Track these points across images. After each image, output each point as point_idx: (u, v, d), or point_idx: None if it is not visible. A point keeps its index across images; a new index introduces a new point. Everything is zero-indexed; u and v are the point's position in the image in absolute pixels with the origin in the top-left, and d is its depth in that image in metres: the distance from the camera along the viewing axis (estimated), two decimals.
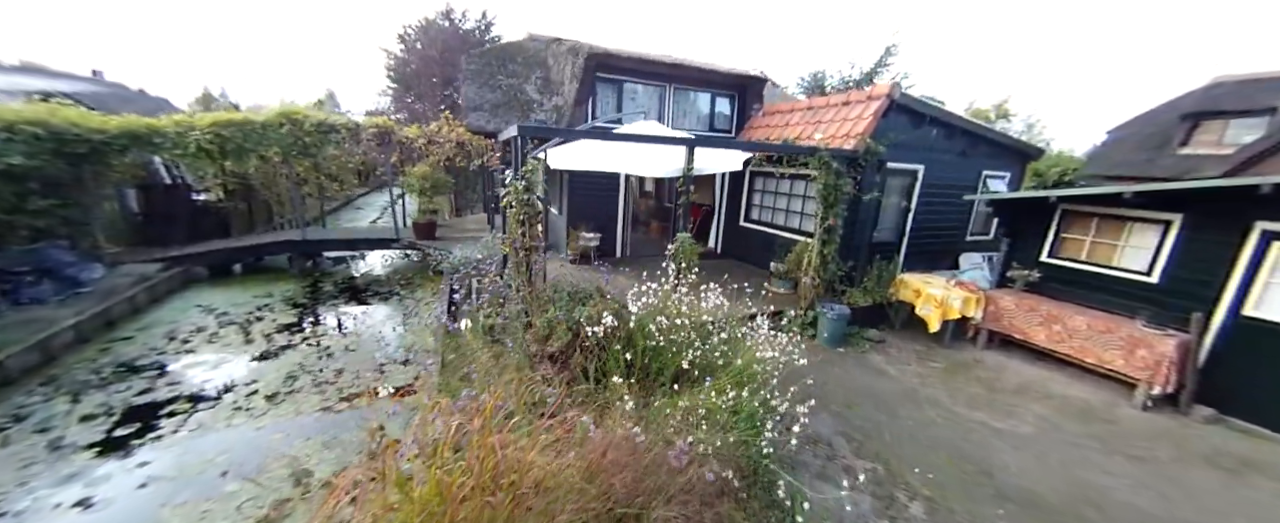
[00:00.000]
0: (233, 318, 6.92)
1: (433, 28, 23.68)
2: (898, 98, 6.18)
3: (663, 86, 8.71)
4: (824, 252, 5.86)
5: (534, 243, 4.27)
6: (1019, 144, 8.17)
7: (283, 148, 8.27)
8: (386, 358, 5.83)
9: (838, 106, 6.88)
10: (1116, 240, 5.20)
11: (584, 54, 7.39)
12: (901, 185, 7.21)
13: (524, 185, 4.12)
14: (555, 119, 7.77)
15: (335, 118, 8.60)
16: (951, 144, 7.36)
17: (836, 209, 5.78)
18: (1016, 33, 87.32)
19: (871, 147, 5.86)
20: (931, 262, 8.06)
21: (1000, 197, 5.84)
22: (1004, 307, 5.66)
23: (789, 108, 8.07)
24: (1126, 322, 4.85)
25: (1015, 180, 8.69)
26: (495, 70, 8.44)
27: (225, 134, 7.74)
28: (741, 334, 3.84)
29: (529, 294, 4.32)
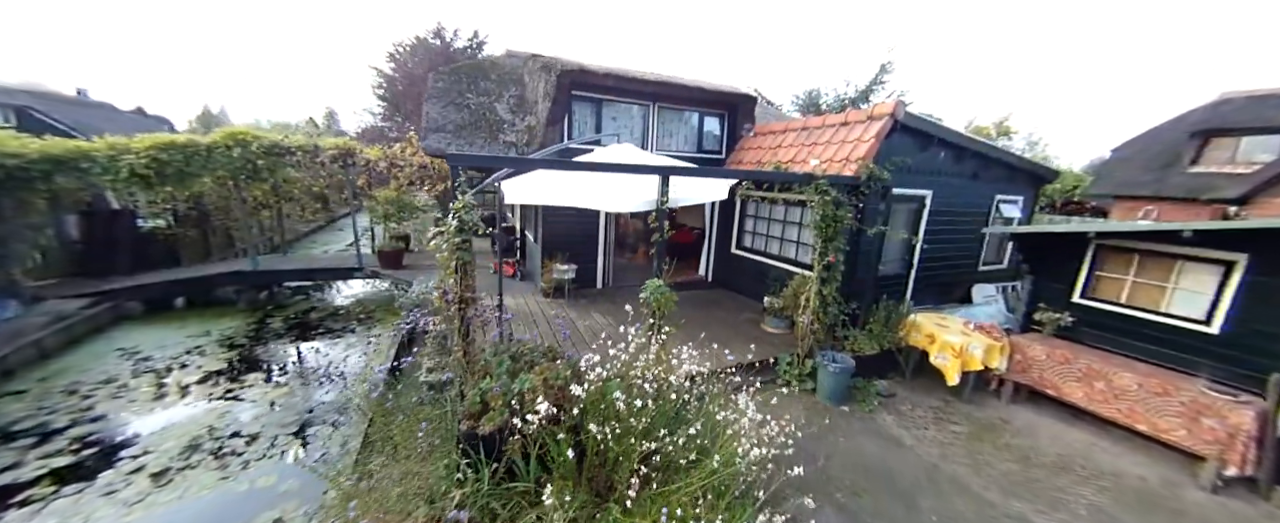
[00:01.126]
0: (153, 364, 6.10)
1: (424, 47, 23.44)
2: (902, 118, 5.52)
3: (646, 106, 8.09)
4: (823, 292, 5.10)
5: (470, 295, 3.51)
6: (1033, 166, 7.51)
7: (231, 172, 7.58)
8: (316, 417, 5.00)
9: (835, 128, 6.23)
10: (1164, 282, 4.46)
11: (557, 70, 6.76)
12: (908, 213, 6.50)
13: (457, 226, 3.38)
14: (526, 141, 7.11)
15: (291, 138, 7.94)
16: (961, 167, 6.69)
17: (837, 243, 5.04)
18: (1014, 48, 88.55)
19: (875, 172, 5.16)
20: (942, 294, 7.31)
21: (1025, 231, 5.11)
22: (1032, 357, 4.87)
23: (782, 128, 7.43)
24: (1185, 381, 4.06)
25: (1029, 204, 8.01)
26: (465, 88, 7.82)
27: (164, 158, 7.05)
28: (722, 417, 3.03)
29: (463, 358, 3.54)
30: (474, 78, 8.19)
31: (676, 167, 4.04)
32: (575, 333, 5.89)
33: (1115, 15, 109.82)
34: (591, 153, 5.11)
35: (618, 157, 4.63)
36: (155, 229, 8.74)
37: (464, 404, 3.33)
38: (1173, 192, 13.90)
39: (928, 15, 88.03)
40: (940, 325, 5.30)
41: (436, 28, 23.50)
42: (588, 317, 6.69)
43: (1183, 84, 78.61)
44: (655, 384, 3.29)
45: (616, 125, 8.00)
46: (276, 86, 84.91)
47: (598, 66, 7.05)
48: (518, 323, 6.27)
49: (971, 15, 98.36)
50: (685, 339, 6.03)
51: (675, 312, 7.30)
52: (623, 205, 3.93)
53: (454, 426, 3.32)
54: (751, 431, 2.84)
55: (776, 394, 5.07)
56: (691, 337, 6.10)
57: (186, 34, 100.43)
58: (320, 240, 15.44)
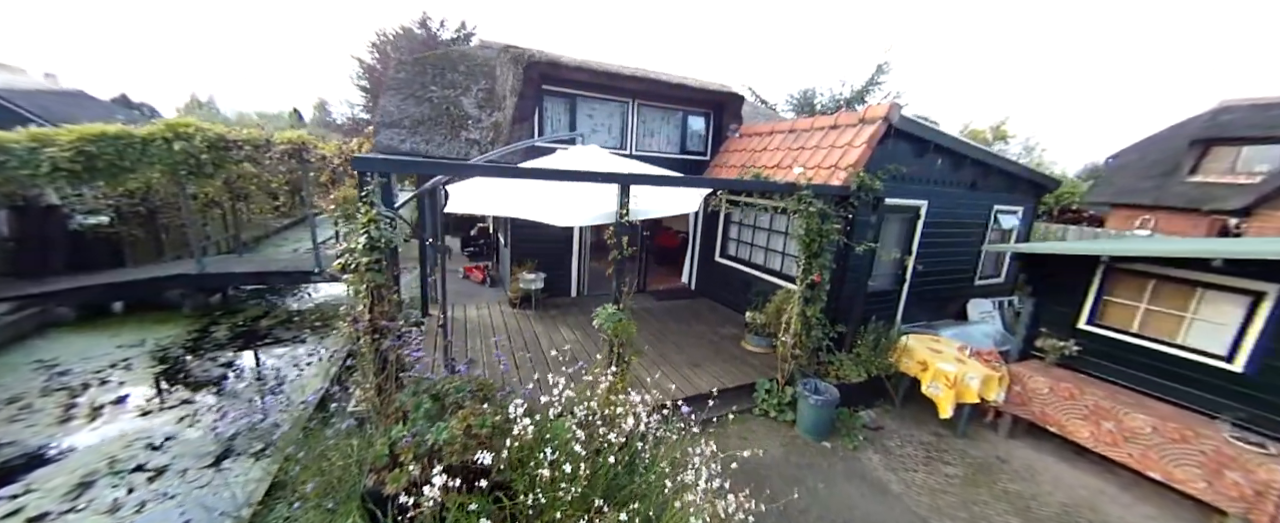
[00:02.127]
0: (70, 380, 5.52)
1: (409, 37, 22.67)
2: (897, 121, 5.03)
3: (626, 103, 7.56)
4: (807, 313, 4.62)
5: (385, 323, 2.98)
6: (1034, 175, 7.07)
7: (169, 167, 6.96)
8: (239, 445, 4.45)
9: (825, 131, 5.73)
10: (1182, 311, 4.01)
11: (524, 62, 6.21)
12: (901, 225, 6.03)
13: (366, 241, 2.85)
14: (491, 139, 6.56)
15: (239, 131, 7.32)
16: (959, 175, 6.22)
17: (822, 260, 4.56)
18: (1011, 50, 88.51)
19: (866, 181, 4.67)
20: (935, 309, 6.87)
21: (1029, 250, 4.64)
22: (1033, 389, 4.42)
23: (769, 130, 6.93)
24: (1206, 426, 3.62)
25: (1029, 215, 7.57)
26: (429, 80, 7.24)
27: (92, 151, 6.42)
28: (671, 484, 2.52)
29: (376, 397, 3.02)
30: (441, 69, 7.60)
31: (638, 175, 3.52)
32: (536, 354, 5.38)
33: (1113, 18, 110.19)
34: (552, 155, 4.58)
35: (579, 161, 4.11)
36: (95, 226, 8.08)
37: (371, 454, 2.82)
38: (1172, 201, 13.58)
39: (926, 15, 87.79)
40: (934, 351, 4.83)
41: (422, 17, 22.73)
42: (555, 331, 6.17)
43: (1181, 89, 79.01)
44: (602, 434, 2.79)
45: (593, 123, 7.47)
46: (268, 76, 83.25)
47: (570, 59, 6.50)
48: (474, 337, 5.75)
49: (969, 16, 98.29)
50: (659, 358, 5.58)
51: (654, 324, 6.85)
52: (574, 218, 3.43)
53: (360, 479, 2.81)
54: (706, 504, 2.34)
55: (753, 424, 4.61)
56: (666, 355, 5.64)
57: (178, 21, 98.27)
58: (294, 237, 14.77)
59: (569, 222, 3.37)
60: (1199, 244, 3.71)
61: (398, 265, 3.22)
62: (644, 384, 4.74)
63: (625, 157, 7.71)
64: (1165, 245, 3.76)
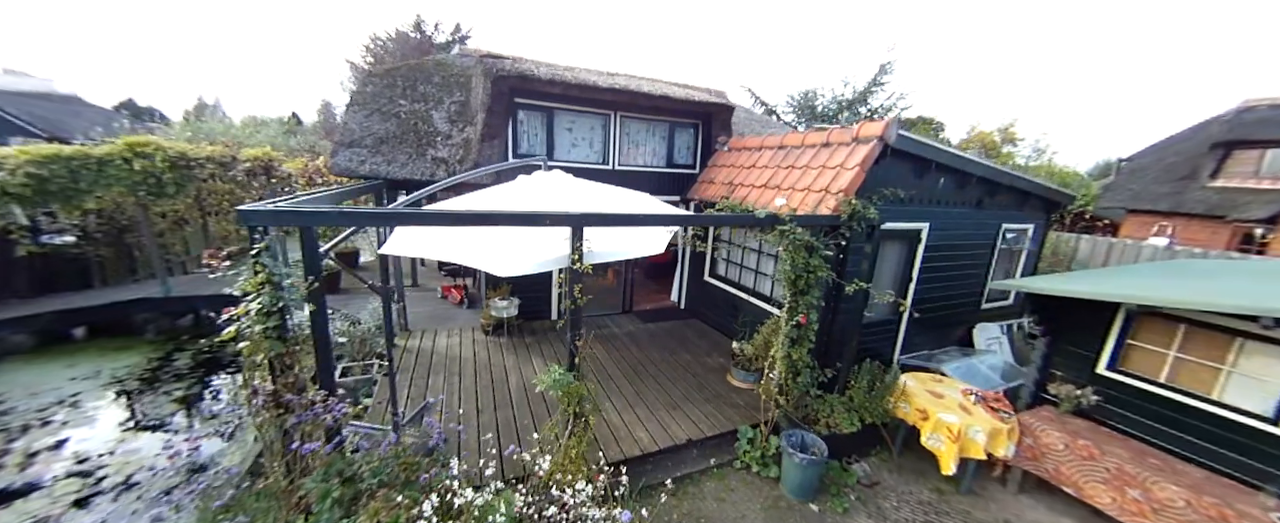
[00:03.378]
0: (10, 421, 5.19)
1: (403, 41, 22.35)
2: (894, 140, 4.56)
3: (607, 115, 7.13)
4: (792, 356, 4.17)
5: (291, 396, 2.57)
6: (1047, 191, 6.55)
7: (128, 187, 6.63)
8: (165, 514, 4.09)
9: (816, 149, 5.26)
10: (1218, 362, 3.52)
11: (493, 75, 5.79)
12: (900, 250, 5.56)
13: (259, 308, 2.45)
14: (460, 157, 6.15)
15: (200, 149, 6.98)
16: (964, 194, 5.73)
17: (810, 297, 4.11)
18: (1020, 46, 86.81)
19: (857, 209, 4.21)
20: (939, 337, 6.39)
21: (1038, 289, 4.15)
22: (1047, 445, 3.95)
23: (758, 144, 6.47)
24: (1246, 499, 3.14)
25: (1041, 232, 7.05)
26: (398, 94, 6.84)
27: (44, 174, 6.10)
28: None
29: (282, 486, 2.61)
30: (413, 81, 7.20)
31: (594, 215, 3.10)
32: (503, 393, 4.98)
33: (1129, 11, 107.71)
34: (512, 182, 4.15)
35: (538, 191, 3.69)
36: (63, 247, 7.79)
37: None
38: (1192, 207, 12.94)
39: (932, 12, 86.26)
40: (935, 396, 4.37)
41: (416, 20, 22.40)
42: (527, 363, 5.77)
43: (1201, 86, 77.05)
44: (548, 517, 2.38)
45: (573, 137, 7.05)
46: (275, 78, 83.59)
47: (544, 71, 6.07)
48: (438, 373, 5.36)
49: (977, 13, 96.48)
50: (634, 398, 5.13)
51: (635, 353, 6.42)
52: (519, 265, 3.01)
53: None
54: None
55: (733, 480, 4.18)
56: (643, 393, 5.18)
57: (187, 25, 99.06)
58: None
59: (512, 271, 2.96)
60: (1246, 297, 3.21)
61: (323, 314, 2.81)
62: (612, 436, 4.33)
63: (607, 171, 7.32)
64: (1203, 297, 3.26)
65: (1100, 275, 4.72)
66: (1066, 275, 4.94)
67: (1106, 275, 4.69)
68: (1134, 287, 3.96)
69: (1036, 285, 4.14)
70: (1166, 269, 4.94)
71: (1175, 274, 4.66)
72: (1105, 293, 3.65)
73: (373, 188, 5.37)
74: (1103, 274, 4.84)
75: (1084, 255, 11.16)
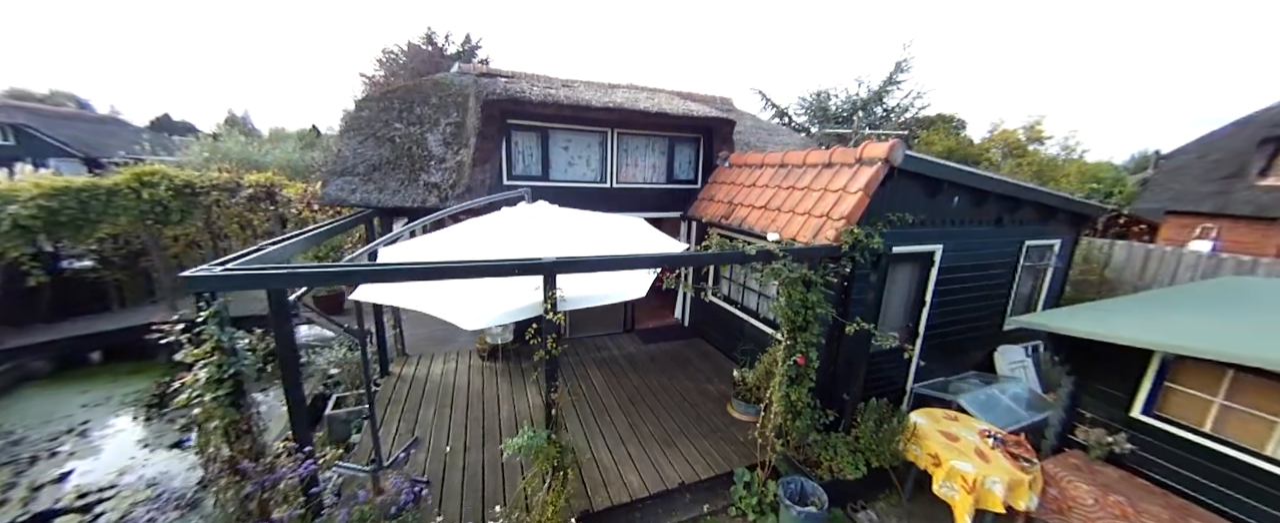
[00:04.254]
0: (20, 451, 5.32)
1: (415, 53, 22.65)
2: (900, 162, 4.24)
3: (604, 133, 6.95)
4: (791, 395, 3.92)
5: (247, 463, 2.46)
6: (1075, 205, 6.09)
7: (136, 216, 6.77)
8: None
9: (818, 169, 4.98)
10: (1272, 413, 3.13)
11: (483, 98, 5.68)
12: (911, 271, 5.22)
13: (208, 376, 2.34)
14: (452, 182, 6.06)
15: (205, 176, 7.09)
16: (982, 211, 5.35)
17: (809, 334, 3.85)
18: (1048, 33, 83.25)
19: (860, 239, 3.93)
20: (956, 362, 6.00)
21: (1062, 330, 3.77)
22: (1074, 498, 3.59)
23: (759, 161, 6.19)
24: None
25: (1068, 248, 6.58)
26: (394, 117, 6.80)
27: (55, 206, 6.26)
28: None
29: None
30: (409, 103, 7.16)
31: (566, 261, 2.92)
32: (492, 426, 4.84)
33: None
34: (491, 216, 4.00)
35: (512, 229, 3.53)
36: (82, 272, 8.03)
37: None
38: (1238, 208, 12.03)
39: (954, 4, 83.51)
40: (949, 439, 4.04)
41: (427, 32, 22.68)
42: (521, 393, 5.63)
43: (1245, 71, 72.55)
44: None
45: (569, 155, 6.90)
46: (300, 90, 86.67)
47: (536, 92, 5.93)
48: (429, 405, 5.27)
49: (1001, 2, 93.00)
50: (628, 431, 4.90)
51: (634, 379, 6.22)
52: (484, 316, 2.86)
53: None
54: None
55: None
56: (638, 426, 4.95)
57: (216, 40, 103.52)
58: None
59: (476, 324, 2.80)
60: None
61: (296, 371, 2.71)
62: (601, 478, 4.14)
63: (605, 189, 7.15)
64: (1256, 350, 2.87)
65: (1130, 307, 4.28)
66: (1093, 308, 4.49)
67: (1138, 307, 4.26)
68: (1171, 327, 3.56)
69: (1056, 324, 3.77)
70: (1213, 296, 4.48)
71: (1224, 302, 4.22)
72: (1134, 339, 3.28)
73: (362, 219, 5.32)
74: (1134, 305, 4.40)
75: (1119, 263, 10.46)
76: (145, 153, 18.88)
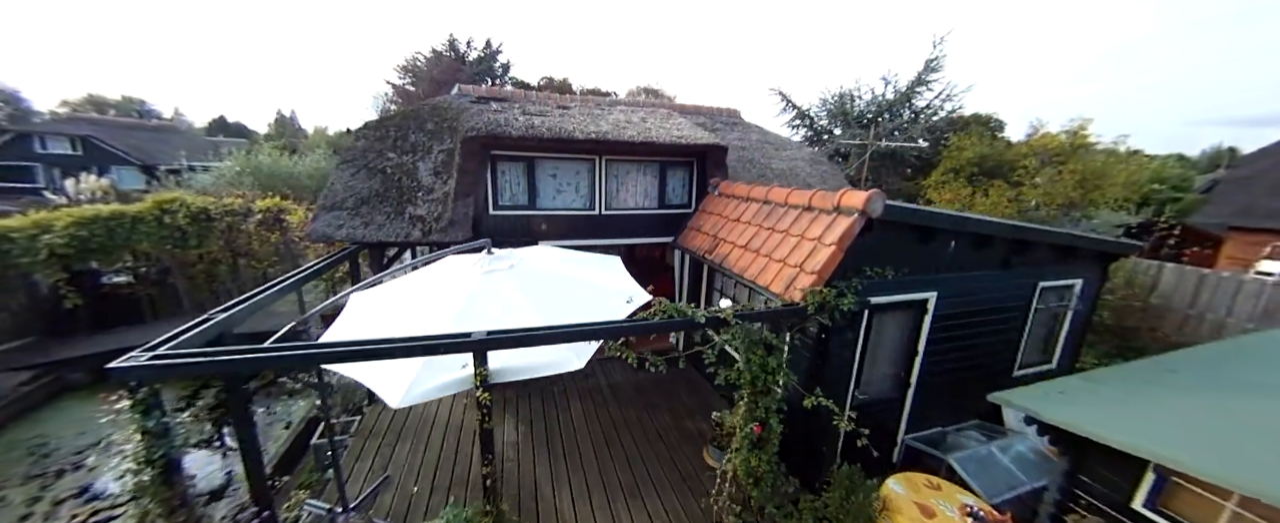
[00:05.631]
0: (50, 464, 5.82)
1: (437, 59, 23.19)
2: (878, 213, 3.93)
3: (591, 160, 6.85)
4: (752, 461, 3.74)
5: None
6: (1101, 243, 5.52)
7: (156, 242, 7.24)
8: None
9: (798, 212, 4.70)
10: None
11: (463, 132, 5.69)
12: (901, 320, 4.87)
13: (138, 459, 2.43)
14: (437, 215, 6.13)
15: (219, 202, 7.49)
16: (984, 255, 4.93)
17: (771, 401, 3.65)
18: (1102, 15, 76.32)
19: (827, 299, 3.67)
20: (955, 410, 5.60)
21: (1049, 420, 3.39)
22: None
23: (745, 193, 5.94)
24: None
25: (1093, 287, 5.98)
26: (388, 146, 6.94)
27: (86, 233, 6.78)
28: None
29: None
30: (405, 130, 7.28)
31: (500, 335, 2.86)
32: (464, 467, 4.88)
33: None
34: (442, 260, 4.00)
35: (456, 286, 3.50)
36: (118, 286, 8.71)
37: None
38: None
39: None
40: (924, 515, 3.76)
41: (449, 39, 23.16)
42: (501, 422, 5.66)
43: None
44: None
45: (557, 183, 6.85)
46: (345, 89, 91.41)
47: (517, 127, 5.88)
48: (407, 438, 5.38)
49: None
50: (597, 477, 4.76)
51: (613, 411, 6.15)
52: (412, 391, 2.83)
53: None
54: None
55: None
56: (607, 469, 4.81)
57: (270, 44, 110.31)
58: None
59: (405, 400, 2.79)
60: None
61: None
62: None
63: (594, 216, 7.06)
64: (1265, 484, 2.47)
65: (1138, 380, 3.80)
66: (1092, 382, 3.97)
67: (1149, 379, 3.77)
68: (1178, 419, 3.14)
69: (1038, 408, 3.39)
70: (1260, 361, 3.94)
71: (1273, 369, 3.69)
72: (1122, 443, 2.90)
73: (346, 256, 5.46)
74: (1146, 375, 3.91)
75: (1167, 288, 9.49)
76: (195, 160, 20.23)
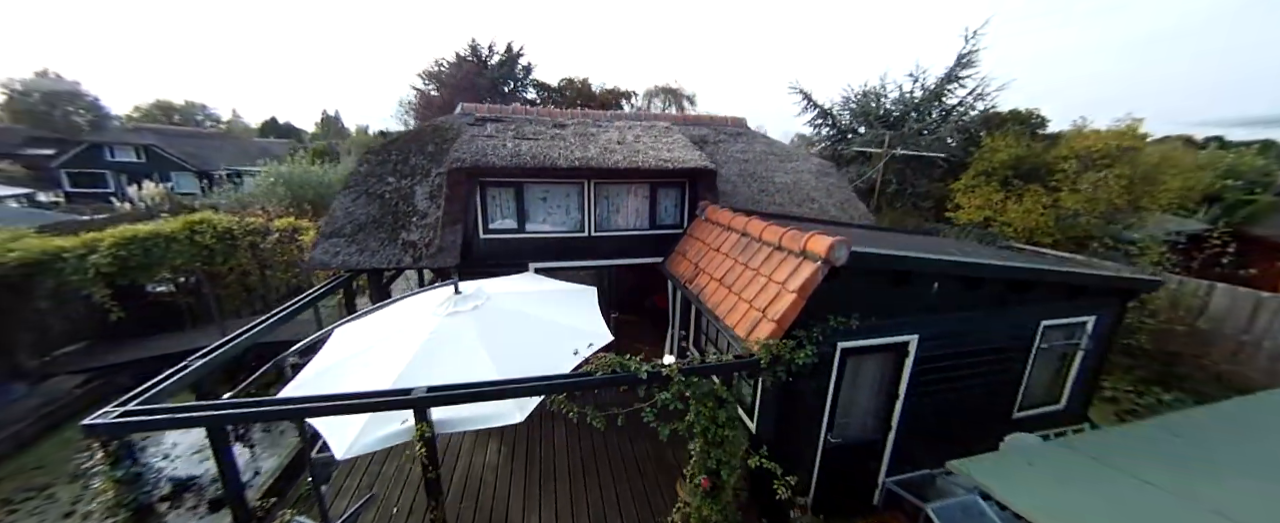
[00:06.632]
0: None
1: (460, 64, 23.76)
2: (841, 261, 3.77)
3: (580, 184, 6.89)
4: (703, 510, 3.72)
5: None
6: (1115, 280, 5.07)
7: (186, 259, 7.87)
8: None
9: (770, 250, 4.57)
10: None
11: (448, 163, 5.85)
12: (879, 363, 4.67)
13: (109, 505, 2.70)
14: (429, 240, 6.34)
15: (242, 222, 8.06)
16: (976, 295, 4.64)
17: (724, 453, 3.61)
18: None
19: (783, 355, 3.58)
20: (947, 450, 5.32)
21: (1003, 500, 3.14)
22: None
23: (727, 221, 5.80)
24: None
25: (1105, 324, 5.50)
26: (390, 170, 7.22)
27: (125, 253, 7.45)
28: None
29: None
30: (407, 152, 7.56)
31: (443, 391, 2.96)
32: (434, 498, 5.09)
33: None
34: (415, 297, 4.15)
35: (410, 331, 3.63)
36: (161, 295, 9.54)
37: None
38: None
39: None
40: None
41: (471, 43, 23.64)
42: (482, 449, 5.87)
43: None
44: None
45: (547, 206, 6.95)
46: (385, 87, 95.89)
47: (499, 159, 5.97)
48: (396, 457, 5.66)
49: None
50: (570, 508, 4.85)
51: (593, 435, 6.24)
52: (358, 443, 2.98)
53: None
54: None
55: None
56: (582, 501, 4.89)
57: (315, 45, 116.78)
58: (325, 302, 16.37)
59: (347, 452, 2.94)
60: None
61: None
62: None
63: (584, 238, 7.10)
64: None
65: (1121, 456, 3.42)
66: (1066, 451, 3.60)
67: (1134, 457, 3.43)
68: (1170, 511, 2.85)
69: (999, 488, 3.13)
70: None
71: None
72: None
73: (340, 284, 5.76)
74: (1153, 441, 3.56)
75: (1217, 312, 8.60)
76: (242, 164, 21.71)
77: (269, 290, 10.63)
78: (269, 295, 11.05)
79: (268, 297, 11.08)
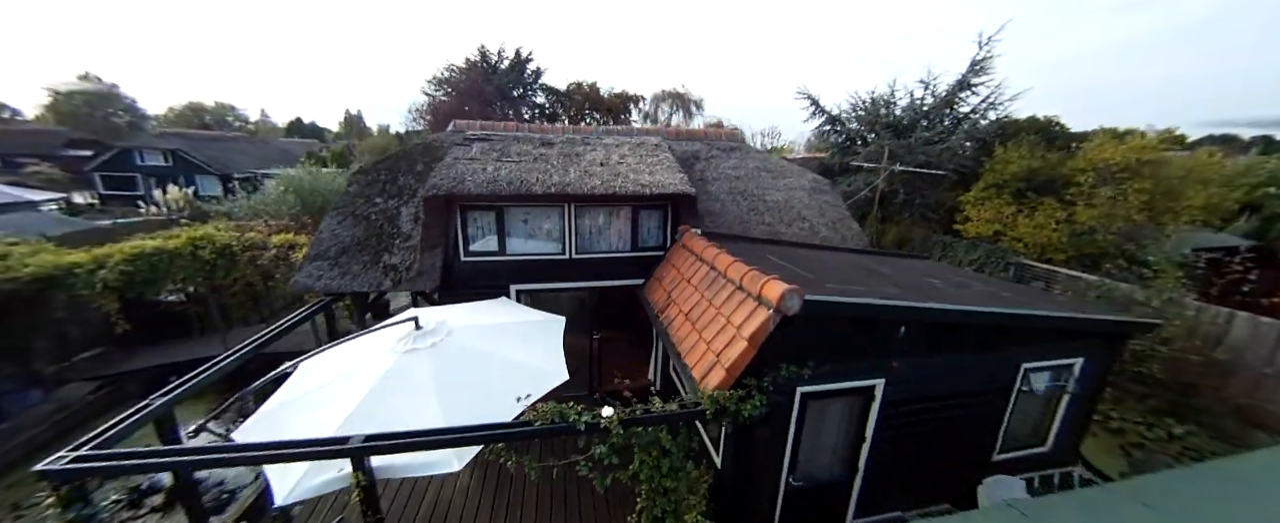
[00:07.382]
0: None
1: (470, 69, 24.05)
2: (793, 311, 3.67)
3: (561, 207, 6.89)
4: None
5: None
6: (1103, 324, 4.81)
7: (189, 273, 8.19)
8: None
9: (733, 288, 4.49)
10: None
11: (425, 190, 5.92)
12: (845, 408, 4.55)
13: None
14: (409, 263, 6.45)
15: (241, 239, 8.34)
16: (954, 339, 4.47)
17: (670, 503, 3.58)
18: None
19: (729, 406, 3.51)
20: (921, 492, 5.18)
21: None
22: None
23: (701, 249, 5.71)
24: None
25: (1094, 367, 5.22)
26: (378, 190, 7.35)
27: (133, 268, 7.80)
28: None
29: None
30: (396, 172, 7.70)
31: (380, 439, 3.01)
32: (407, 516, 5.20)
33: None
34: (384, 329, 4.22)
35: (358, 371, 3.69)
36: (171, 305, 9.98)
37: None
38: None
39: None
40: None
41: (480, 49, 23.90)
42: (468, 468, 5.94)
43: None
44: None
45: (527, 229, 6.97)
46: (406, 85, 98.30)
47: (476, 185, 5.99)
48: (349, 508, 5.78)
49: None
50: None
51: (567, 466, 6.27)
52: (299, 489, 3.05)
53: None
54: None
55: None
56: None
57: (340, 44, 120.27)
58: None
59: (286, 497, 3.01)
60: None
61: None
62: None
63: (565, 260, 7.11)
64: None
65: None
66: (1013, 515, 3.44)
67: None
68: None
69: None
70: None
71: None
72: None
73: (321, 308, 5.90)
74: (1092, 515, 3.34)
75: (1237, 341, 8.11)
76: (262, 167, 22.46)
77: (275, 298, 11.00)
78: (275, 303, 11.46)
79: (273, 305, 11.49)
